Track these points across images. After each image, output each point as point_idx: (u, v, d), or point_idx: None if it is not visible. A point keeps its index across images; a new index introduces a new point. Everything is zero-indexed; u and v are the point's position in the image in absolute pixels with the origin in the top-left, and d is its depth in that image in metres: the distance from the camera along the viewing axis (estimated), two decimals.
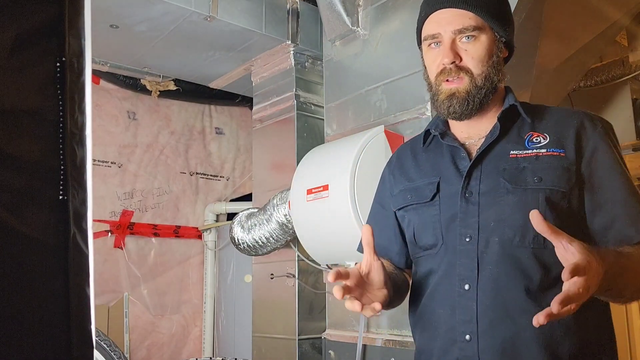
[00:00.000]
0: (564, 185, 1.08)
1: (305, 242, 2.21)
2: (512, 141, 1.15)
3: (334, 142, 2.28)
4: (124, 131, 3.56)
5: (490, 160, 1.14)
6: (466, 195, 1.13)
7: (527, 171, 1.10)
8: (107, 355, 2.56)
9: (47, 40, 0.60)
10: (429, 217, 1.18)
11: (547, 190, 1.08)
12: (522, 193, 1.09)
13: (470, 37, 1.13)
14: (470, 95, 1.14)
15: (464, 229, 1.12)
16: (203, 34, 2.68)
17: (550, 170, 1.09)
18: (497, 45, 1.16)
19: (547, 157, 1.10)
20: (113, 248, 3.47)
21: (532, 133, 1.15)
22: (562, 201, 1.08)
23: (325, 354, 2.32)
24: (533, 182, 1.09)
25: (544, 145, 1.12)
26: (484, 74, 1.14)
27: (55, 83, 0.60)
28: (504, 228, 1.08)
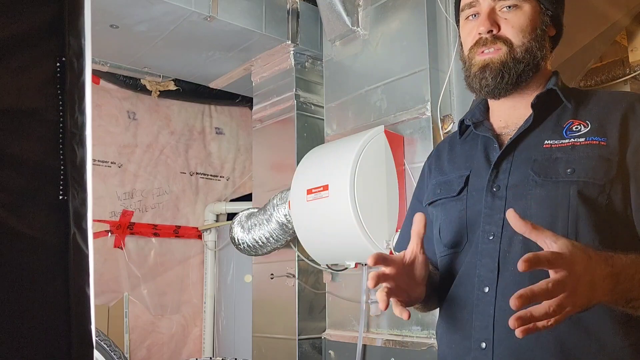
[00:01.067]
0: (601, 178, 0.94)
1: (305, 242, 2.21)
2: (549, 130, 1.03)
3: (334, 142, 2.28)
4: (124, 131, 3.56)
5: (522, 150, 1.03)
6: (493, 189, 1.02)
7: (560, 162, 0.97)
8: (107, 355, 2.56)
9: (47, 40, 0.60)
10: (455, 213, 1.09)
11: (580, 183, 0.94)
12: (551, 186, 0.97)
13: (512, 6, 1.04)
14: (506, 67, 1.03)
15: (488, 225, 1.02)
16: (203, 34, 2.68)
17: (586, 161, 0.96)
18: (541, 18, 1.06)
19: (585, 147, 0.97)
20: (113, 248, 3.47)
21: (572, 121, 1.02)
22: (599, 196, 0.94)
23: (325, 354, 2.32)
24: (565, 173, 0.96)
25: (583, 134, 0.99)
26: (524, 45, 1.04)
27: (55, 83, 0.60)
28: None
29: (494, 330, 0.96)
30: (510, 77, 1.03)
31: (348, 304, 2.27)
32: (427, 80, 2.06)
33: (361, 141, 2.02)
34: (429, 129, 2.04)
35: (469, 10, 1.08)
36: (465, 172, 1.10)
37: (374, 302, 2.12)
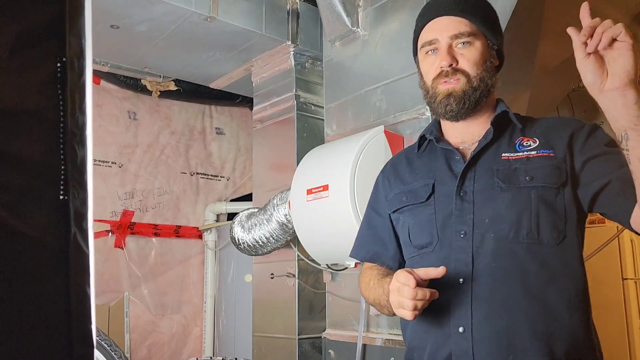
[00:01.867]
0: (555, 182, 1.13)
1: (305, 242, 2.21)
2: (504, 145, 1.21)
3: (334, 142, 2.28)
4: (124, 131, 3.57)
5: (484, 162, 1.20)
6: (461, 194, 1.18)
7: (519, 171, 1.16)
8: (108, 355, 2.56)
9: (48, 40, 0.60)
10: (424, 217, 1.23)
11: (539, 188, 1.13)
12: (515, 191, 1.14)
13: (466, 42, 1.21)
14: (466, 94, 1.20)
15: (460, 225, 1.17)
16: (203, 34, 2.68)
17: (541, 169, 1.15)
18: (489, 52, 1.24)
19: (537, 158, 1.16)
20: (114, 248, 3.47)
21: (522, 138, 1.21)
22: (555, 197, 1.13)
23: (325, 354, 2.32)
24: (525, 180, 1.14)
25: (533, 148, 1.18)
26: (479, 76, 1.20)
27: (55, 83, 0.60)
28: (499, 224, 1.14)
29: (472, 316, 1.10)
30: (470, 103, 1.21)
31: (348, 304, 2.27)
32: None
33: (361, 141, 2.02)
34: None
35: (428, 47, 1.25)
36: (430, 181, 1.25)
37: None
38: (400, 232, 1.30)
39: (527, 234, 1.12)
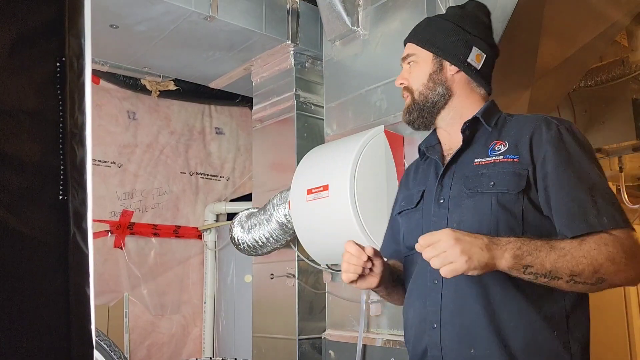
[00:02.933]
0: (514, 188, 1.18)
1: (305, 242, 2.21)
2: (478, 150, 1.29)
3: (334, 142, 2.28)
4: (124, 131, 3.56)
5: (459, 168, 1.29)
6: (440, 201, 1.28)
7: (485, 177, 1.22)
8: (107, 355, 2.56)
9: (47, 40, 0.60)
10: (414, 221, 1.35)
11: (498, 194, 1.19)
12: (478, 197, 1.22)
13: (411, 62, 1.40)
14: (410, 108, 1.38)
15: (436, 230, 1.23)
16: (203, 34, 2.68)
17: (503, 175, 1.20)
18: (435, 64, 1.36)
19: (503, 163, 1.22)
20: (113, 248, 3.47)
21: (496, 142, 1.27)
22: (514, 203, 1.18)
23: (325, 354, 2.32)
24: (488, 186, 1.21)
25: (502, 152, 1.24)
26: (419, 90, 1.36)
27: (55, 83, 0.60)
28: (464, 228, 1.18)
29: (441, 313, 1.22)
30: (414, 114, 1.37)
31: (348, 304, 2.27)
32: None
33: (361, 141, 2.02)
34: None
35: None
36: (422, 188, 1.37)
37: (374, 303, 2.12)
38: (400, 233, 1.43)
39: None
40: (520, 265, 1.07)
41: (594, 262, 1.07)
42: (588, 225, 1.11)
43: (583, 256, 1.07)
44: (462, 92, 1.36)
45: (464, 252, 1.04)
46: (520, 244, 1.07)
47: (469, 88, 1.37)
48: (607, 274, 1.08)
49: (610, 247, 1.08)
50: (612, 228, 1.11)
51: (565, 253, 1.07)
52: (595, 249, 1.08)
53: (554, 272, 1.07)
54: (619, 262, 1.07)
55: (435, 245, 1.06)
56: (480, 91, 1.38)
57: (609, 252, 1.08)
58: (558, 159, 1.17)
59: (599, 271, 1.07)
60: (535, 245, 1.08)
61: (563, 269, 1.07)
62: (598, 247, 1.08)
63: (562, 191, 1.15)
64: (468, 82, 1.36)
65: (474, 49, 1.36)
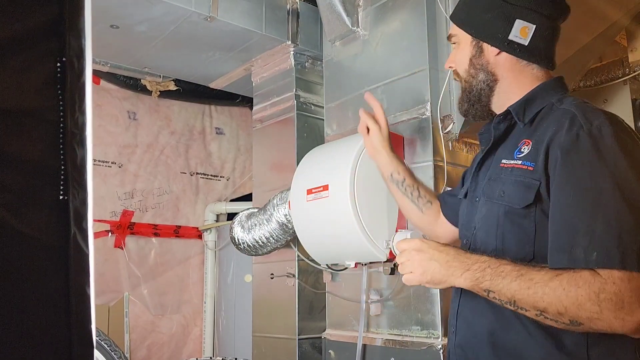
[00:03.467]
0: (520, 203, 1.06)
1: (305, 242, 2.21)
2: (508, 148, 1.16)
3: (334, 142, 2.28)
4: (124, 131, 3.56)
5: (488, 167, 1.21)
6: (475, 199, 1.21)
7: (499, 184, 1.12)
8: (108, 355, 2.56)
9: (48, 40, 0.60)
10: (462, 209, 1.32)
11: (506, 206, 1.09)
12: (490, 205, 1.14)
13: (455, 43, 1.26)
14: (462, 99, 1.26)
15: (466, 231, 1.23)
16: (203, 34, 2.68)
17: (513, 185, 1.08)
18: (474, 48, 1.22)
19: (518, 170, 1.09)
20: (113, 248, 3.47)
21: (525, 140, 1.12)
22: (524, 218, 1.06)
23: (325, 354, 2.32)
24: (499, 195, 1.11)
25: (523, 156, 1.09)
26: (463, 77, 1.25)
27: (55, 83, 0.60)
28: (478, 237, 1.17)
29: (457, 319, 1.19)
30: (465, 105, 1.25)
31: (348, 304, 2.27)
32: (427, 81, 2.06)
33: (361, 141, 2.02)
34: (428, 129, 2.04)
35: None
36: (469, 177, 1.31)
37: (374, 302, 2.12)
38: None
39: (493, 251, 1.10)
40: (480, 289, 1.01)
41: (557, 303, 0.92)
42: (570, 259, 0.94)
43: (546, 294, 0.93)
44: (509, 75, 1.19)
45: (421, 264, 1.05)
46: (486, 266, 1.00)
47: (517, 69, 1.18)
48: (579, 318, 0.92)
49: (581, 290, 0.90)
50: (602, 267, 0.91)
51: (530, 285, 0.95)
52: (564, 288, 0.92)
53: (517, 302, 0.97)
54: (589, 310, 0.90)
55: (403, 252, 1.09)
56: (533, 70, 1.19)
57: (578, 295, 0.90)
58: (564, 171, 1.00)
59: (565, 314, 0.92)
60: (500, 270, 0.98)
61: (525, 302, 0.96)
62: (568, 287, 0.92)
63: (556, 212, 0.99)
64: (515, 62, 1.18)
65: (518, 22, 1.16)
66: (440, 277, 1.04)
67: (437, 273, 1.04)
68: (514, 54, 1.18)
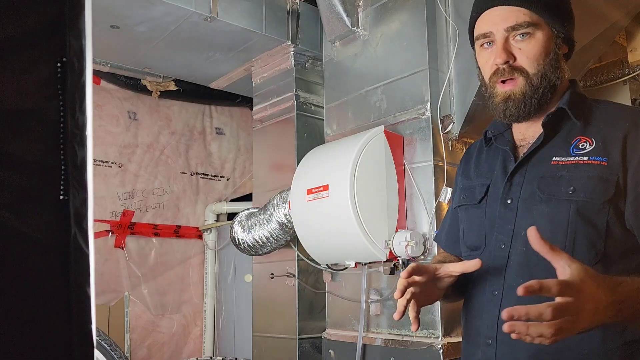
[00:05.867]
0: (599, 198, 1.00)
1: (305, 242, 2.21)
2: (558, 146, 1.09)
3: (334, 142, 2.28)
4: (124, 131, 3.57)
5: (533, 165, 1.10)
6: (507, 201, 1.11)
7: (563, 180, 1.04)
8: (108, 355, 2.56)
9: (48, 40, 0.60)
10: (476, 220, 1.17)
11: (579, 202, 1.01)
12: (554, 203, 1.04)
13: (525, 34, 1.08)
14: (526, 96, 1.09)
15: (500, 235, 1.11)
16: (203, 34, 2.68)
17: (587, 181, 1.01)
18: (554, 42, 1.10)
19: (587, 166, 1.02)
20: (114, 248, 3.47)
21: (580, 138, 1.06)
22: (597, 214, 1.00)
23: (325, 354, 2.32)
24: (567, 192, 1.02)
25: (587, 152, 1.03)
26: (539, 73, 1.08)
27: (56, 83, 0.60)
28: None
29: (497, 329, 1.05)
30: (532, 105, 1.09)
31: (348, 304, 2.27)
32: (426, 81, 2.07)
33: (361, 141, 2.02)
34: (428, 129, 2.04)
35: (483, 40, 1.13)
36: (487, 182, 1.17)
37: (374, 302, 2.12)
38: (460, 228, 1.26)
39: None
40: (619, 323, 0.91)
41: None
42: None
43: None
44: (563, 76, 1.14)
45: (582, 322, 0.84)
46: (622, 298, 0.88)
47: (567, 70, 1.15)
48: None
49: None
50: None
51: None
52: None
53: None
54: None
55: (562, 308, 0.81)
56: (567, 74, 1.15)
57: None
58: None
59: None
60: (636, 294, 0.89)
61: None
62: None
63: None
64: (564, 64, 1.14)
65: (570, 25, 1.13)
66: (595, 325, 0.87)
67: (593, 324, 0.86)
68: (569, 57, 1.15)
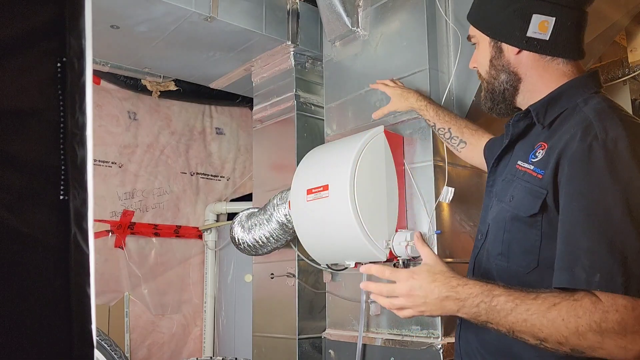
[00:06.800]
0: (525, 211, 1.04)
1: (305, 242, 2.21)
2: (524, 149, 1.12)
3: (334, 142, 2.28)
4: (124, 131, 3.57)
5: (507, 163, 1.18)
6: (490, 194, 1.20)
7: (511, 186, 1.10)
8: (108, 355, 2.56)
9: (48, 40, 0.60)
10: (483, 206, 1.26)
11: (512, 212, 1.07)
12: (500, 208, 1.12)
13: (474, 44, 1.24)
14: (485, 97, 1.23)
15: (481, 225, 1.20)
16: (203, 34, 2.68)
17: (522, 192, 1.06)
18: (493, 48, 1.18)
19: (528, 176, 1.05)
20: (114, 248, 3.47)
21: (541, 143, 1.08)
22: (530, 226, 1.04)
23: (325, 354, 2.32)
24: (508, 200, 1.09)
25: (536, 162, 1.06)
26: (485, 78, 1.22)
27: (56, 83, 0.60)
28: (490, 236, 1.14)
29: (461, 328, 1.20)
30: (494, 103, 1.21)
31: (348, 304, 2.27)
32: (427, 81, 2.07)
33: (361, 141, 2.02)
34: (428, 129, 2.04)
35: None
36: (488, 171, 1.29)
37: (374, 302, 2.12)
38: None
39: (499, 255, 1.09)
40: (477, 322, 0.98)
41: (556, 334, 0.89)
42: (572, 278, 0.90)
43: (545, 325, 0.90)
44: (533, 73, 1.13)
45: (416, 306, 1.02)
46: (479, 301, 0.96)
47: (540, 66, 1.13)
48: (580, 347, 0.89)
49: (582, 320, 0.87)
50: (603, 290, 0.87)
51: (527, 317, 0.91)
52: (563, 319, 0.89)
53: (515, 333, 0.94)
54: (591, 339, 0.87)
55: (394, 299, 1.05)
56: (559, 65, 1.12)
57: (579, 326, 0.87)
58: (573, 184, 0.95)
59: (565, 344, 0.89)
60: (494, 305, 0.94)
61: (524, 333, 0.93)
62: (567, 317, 0.88)
63: (562, 227, 0.95)
64: (538, 58, 1.13)
65: (535, 17, 1.10)
66: (437, 313, 1.02)
67: (434, 311, 1.02)
68: (535, 51, 1.12)
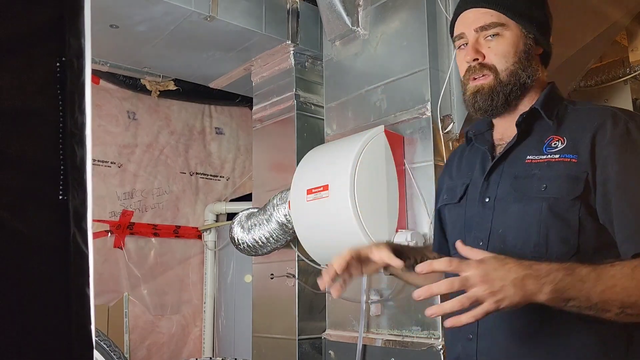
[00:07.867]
0: (569, 194, 1.03)
1: (305, 242, 2.21)
2: (532, 145, 1.13)
3: (334, 142, 2.28)
4: (123, 131, 3.56)
5: (509, 164, 1.15)
6: (485, 199, 1.15)
7: (535, 179, 1.08)
8: (107, 355, 2.56)
9: (47, 40, 0.60)
10: (456, 218, 1.23)
11: (550, 200, 1.05)
12: (527, 202, 1.08)
13: (494, 35, 1.17)
14: (494, 91, 1.16)
15: (478, 232, 1.15)
16: (203, 34, 2.68)
17: (557, 179, 1.05)
18: (524, 42, 1.17)
19: (558, 164, 1.06)
20: (113, 248, 3.47)
21: (552, 137, 1.11)
22: (569, 211, 1.03)
23: (325, 354, 2.32)
24: (539, 190, 1.06)
25: (558, 150, 1.08)
26: (508, 69, 1.15)
27: (55, 83, 0.60)
28: (509, 236, 1.09)
29: (478, 325, 1.09)
30: (499, 100, 1.16)
31: (348, 304, 2.27)
32: (427, 80, 2.06)
33: (361, 141, 2.02)
34: (429, 129, 2.04)
35: (459, 41, 1.22)
36: (467, 181, 1.22)
37: (374, 302, 2.12)
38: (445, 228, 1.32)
39: (534, 247, 1.06)
40: (561, 299, 0.93)
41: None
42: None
43: (636, 287, 0.92)
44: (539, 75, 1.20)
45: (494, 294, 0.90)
46: (562, 275, 0.92)
47: (541, 70, 1.21)
48: None
49: None
50: None
51: (614, 283, 0.92)
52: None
53: (600, 304, 0.93)
54: None
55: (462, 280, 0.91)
56: (544, 75, 1.22)
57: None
58: (623, 162, 1.01)
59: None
60: (580, 276, 0.93)
61: (612, 302, 0.93)
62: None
63: (624, 199, 0.99)
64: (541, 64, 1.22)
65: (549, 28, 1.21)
66: (518, 299, 0.91)
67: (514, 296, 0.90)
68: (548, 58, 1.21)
